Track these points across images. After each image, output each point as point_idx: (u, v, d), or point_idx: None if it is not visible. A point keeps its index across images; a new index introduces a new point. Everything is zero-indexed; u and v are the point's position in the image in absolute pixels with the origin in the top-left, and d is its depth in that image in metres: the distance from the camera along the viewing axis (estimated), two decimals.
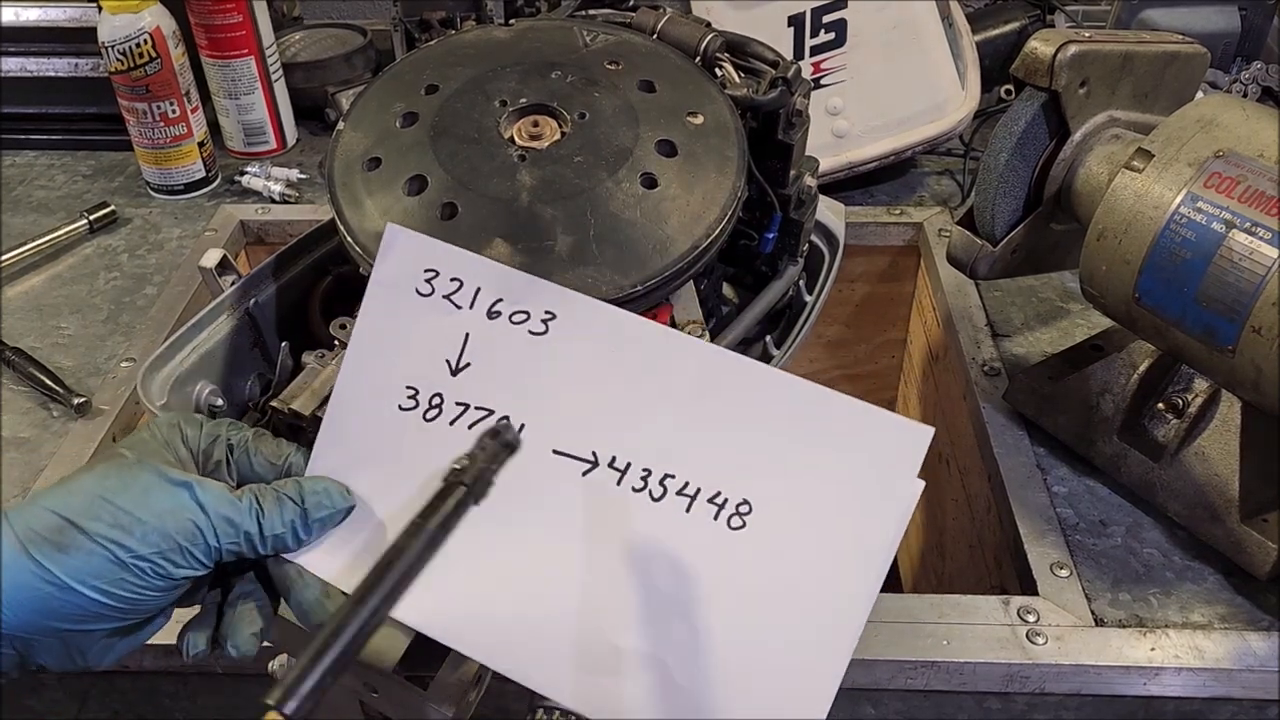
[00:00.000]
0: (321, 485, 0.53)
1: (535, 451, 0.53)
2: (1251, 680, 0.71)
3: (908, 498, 0.49)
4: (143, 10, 1.11)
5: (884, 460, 0.50)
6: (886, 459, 0.50)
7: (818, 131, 0.83)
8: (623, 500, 0.52)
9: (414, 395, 0.55)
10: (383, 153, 0.65)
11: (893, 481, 0.50)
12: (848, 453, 0.51)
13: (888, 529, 0.49)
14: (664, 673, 0.50)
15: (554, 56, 0.69)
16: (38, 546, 0.47)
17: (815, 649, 0.49)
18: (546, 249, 0.60)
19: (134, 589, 0.48)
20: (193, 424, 0.54)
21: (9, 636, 0.48)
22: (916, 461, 0.50)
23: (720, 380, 0.53)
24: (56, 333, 1.01)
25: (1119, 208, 0.72)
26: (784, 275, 0.78)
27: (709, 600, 0.50)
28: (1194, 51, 0.82)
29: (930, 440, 0.49)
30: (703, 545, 0.51)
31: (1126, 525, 0.80)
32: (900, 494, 0.49)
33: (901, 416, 0.50)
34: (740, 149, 0.66)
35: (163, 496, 0.49)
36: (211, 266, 0.71)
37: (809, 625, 0.49)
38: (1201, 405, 0.78)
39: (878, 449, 0.50)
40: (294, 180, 1.22)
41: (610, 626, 0.51)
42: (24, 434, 0.89)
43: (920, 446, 0.50)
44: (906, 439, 0.50)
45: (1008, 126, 0.78)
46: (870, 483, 0.50)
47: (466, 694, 0.57)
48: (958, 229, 0.83)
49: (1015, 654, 0.71)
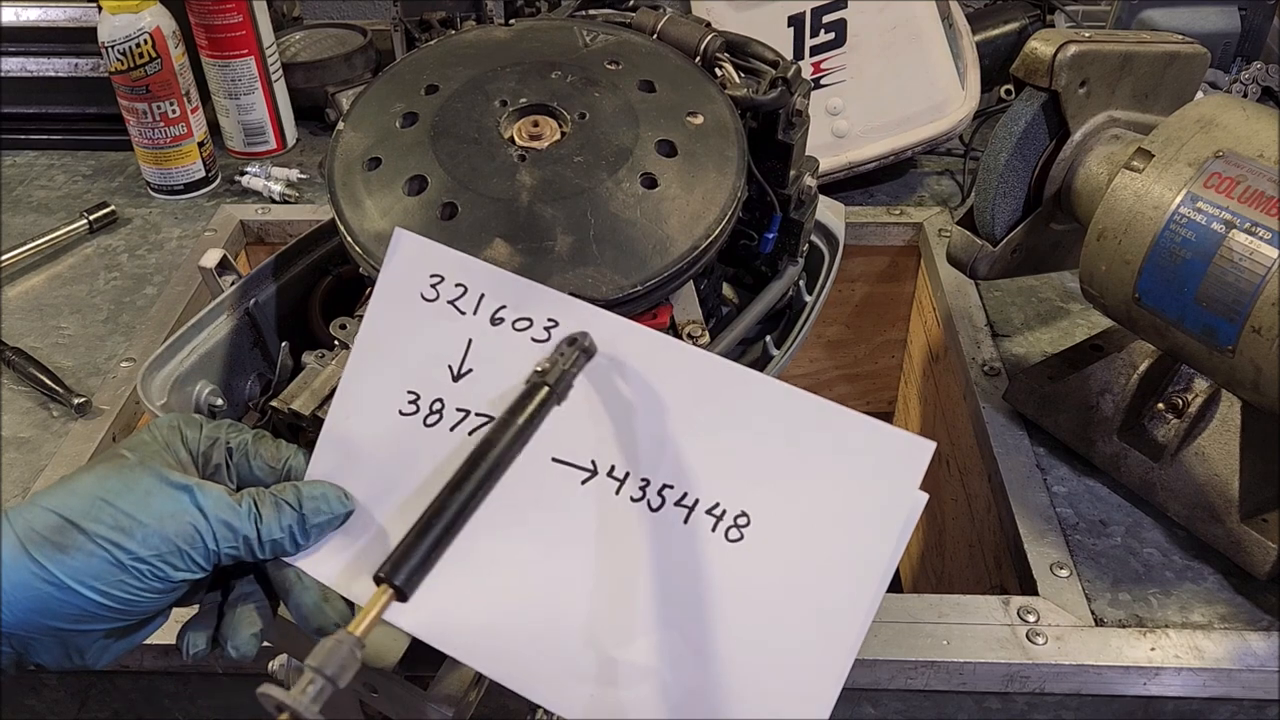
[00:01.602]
0: (320, 490, 0.53)
1: (535, 460, 0.53)
2: (1251, 680, 0.71)
3: (909, 511, 0.49)
4: (143, 10, 1.11)
5: (885, 473, 0.50)
6: (887, 472, 0.50)
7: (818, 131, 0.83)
8: (622, 510, 0.52)
9: (415, 400, 0.55)
10: (383, 153, 0.65)
11: (893, 495, 0.49)
12: (848, 466, 0.50)
13: (888, 542, 0.49)
14: (662, 683, 0.50)
15: (554, 56, 0.69)
16: (38, 546, 0.47)
17: (814, 659, 0.49)
18: (546, 249, 0.60)
19: (132, 590, 0.49)
20: (192, 426, 0.54)
21: (8, 636, 0.48)
22: (918, 475, 0.49)
23: (721, 390, 0.53)
24: (56, 333, 1.01)
25: (1119, 208, 0.72)
26: (784, 275, 0.78)
27: (708, 611, 0.50)
28: (1194, 51, 0.82)
29: (931, 454, 0.49)
30: (701, 556, 0.50)
31: (1126, 525, 0.80)
32: (901, 507, 0.49)
33: (903, 430, 0.50)
34: (740, 149, 0.66)
35: (163, 499, 0.49)
36: (211, 266, 0.71)
37: (807, 637, 0.49)
38: (1201, 405, 0.78)
39: (879, 462, 0.50)
40: (294, 180, 1.22)
41: (609, 636, 0.51)
42: (24, 434, 0.89)
43: (922, 460, 0.49)
44: (908, 452, 0.49)
45: (1008, 126, 0.78)
46: (870, 496, 0.50)
47: (466, 694, 0.57)
48: (958, 229, 0.83)
49: (1015, 654, 0.71)
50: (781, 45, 0.99)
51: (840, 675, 0.48)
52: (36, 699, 0.82)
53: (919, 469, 0.49)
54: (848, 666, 0.48)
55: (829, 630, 0.49)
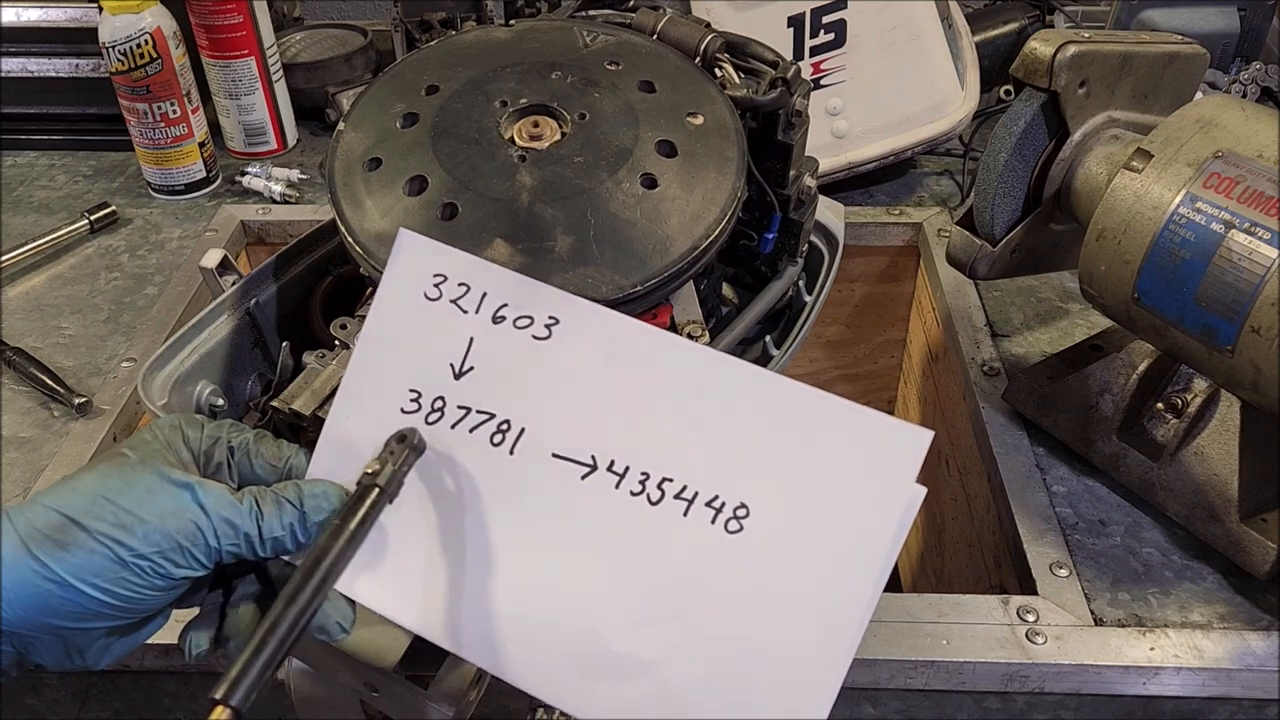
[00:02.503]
0: (320, 488, 0.53)
1: (535, 455, 0.53)
2: (1251, 680, 0.71)
3: (907, 502, 0.49)
4: (143, 11, 1.12)
5: (882, 463, 0.50)
6: (884, 462, 0.50)
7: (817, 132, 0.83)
8: (621, 504, 0.52)
9: (416, 399, 0.55)
10: (383, 153, 0.65)
11: (891, 485, 0.49)
12: (845, 456, 0.50)
13: (887, 533, 0.49)
14: (663, 677, 0.50)
15: (554, 57, 0.69)
16: (39, 544, 0.47)
17: (815, 652, 0.49)
18: (547, 249, 0.60)
19: (134, 588, 0.49)
20: (194, 425, 0.55)
21: (9, 634, 0.48)
22: (915, 464, 0.49)
23: (719, 384, 0.53)
24: (57, 333, 1.01)
25: (1118, 208, 0.72)
26: (784, 275, 0.78)
27: (708, 604, 0.50)
28: (1193, 52, 0.82)
29: (929, 443, 0.49)
30: (701, 549, 0.51)
31: (1126, 525, 0.81)
32: (899, 498, 0.49)
33: (899, 420, 0.50)
34: (740, 149, 0.66)
35: (164, 497, 0.50)
36: (212, 267, 0.71)
37: (808, 629, 0.49)
38: (1200, 405, 0.78)
39: (875, 452, 0.50)
40: (294, 180, 1.23)
41: (610, 631, 0.51)
42: (25, 434, 0.89)
43: (919, 449, 0.49)
44: (904, 442, 0.50)
45: (1007, 127, 0.78)
46: (868, 486, 0.50)
47: (466, 694, 0.57)
48: (957, 229, 0.83)
49: (1014, 653, 0.71)
50: (781, 45, 0.99)
51: (843, 665, 0.49)
52: (37, 698, 0.82)
53: (917, 458, 0.49)
54: (850, 656, 0.49)
55: (830, 620, 0.49)
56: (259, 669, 0.44)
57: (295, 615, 0.46)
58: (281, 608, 0.46)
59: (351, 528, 0.50)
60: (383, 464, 0.52)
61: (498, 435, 0.54)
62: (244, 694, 0.43)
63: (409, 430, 0.54)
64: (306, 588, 0.47)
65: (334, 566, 0.48)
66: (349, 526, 0.50)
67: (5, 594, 0.47)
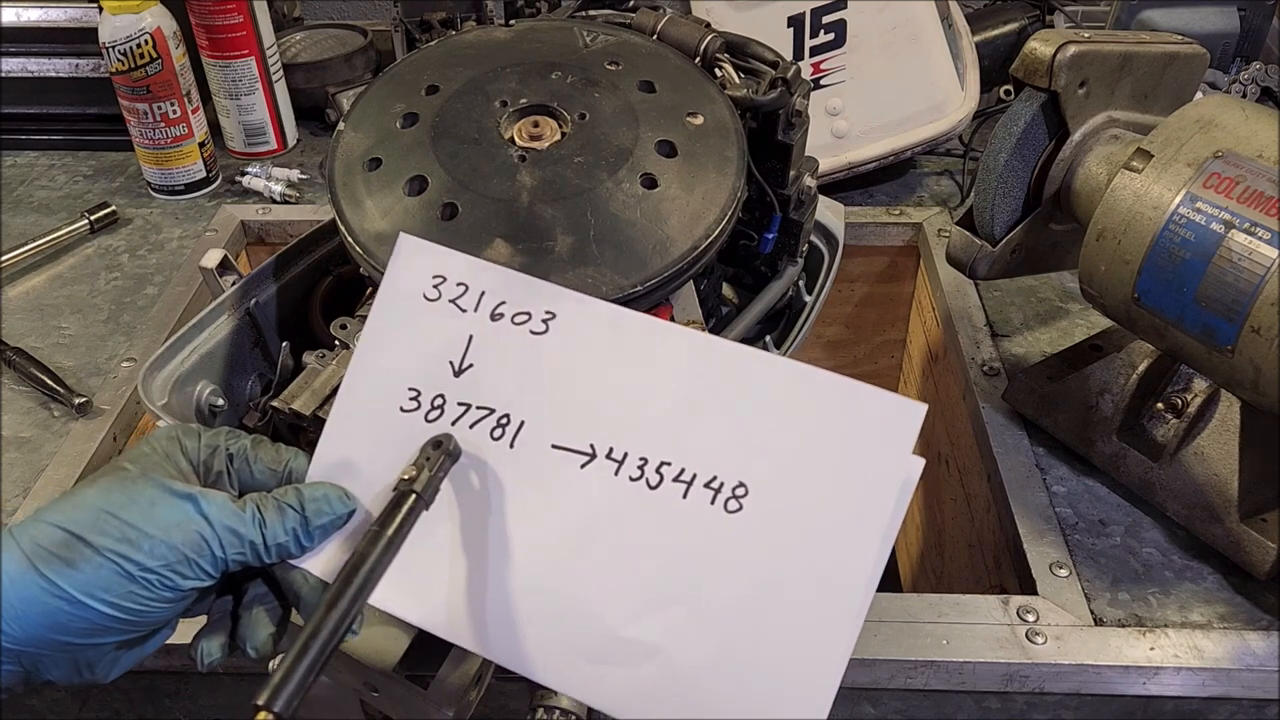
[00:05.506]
0: (321, 492, 0.53)
1: (535, 447, 0.54)
2: (1250, 680, 0.71)
3: (905, 475, 0.49)
4: (143, 11, 1.11)
5: (876, 437, 0.50)
6: (879, 436, 0.50)
7: (817, 132, 0.83)
8: (622, 490, 0.52)
9: (416, 397, 0.56)
10: (383, 153, 0.65)
11: (887, 458, 0.50)
12: (839, 431, 0.51)
13: (885, 507, 0.49)
14: (670, 660, 0.51)
15: (554, 57, 0.69)
16: (46, 562, 0.47)
17: (816, 636, 0.49)
18: (547, 249, 0.60)
19: (143, 601, 0.49)
20: (191, 435, 0.55)
21: (18, 653, 0.48)
22: (910, 437, 0.50)
23: (711, 365, 0.53)
24: (57, 333, 1.01)
25: (1118, 208, 0.72)
26: (784, 275, 0.78)
27: (711, 584, 0.51)
28: (1193, 52, 0.82)
29: (923, 416, 0.49)
30: (701, 530, 0.51)
31: (1126, 525, 0.81)
32: (896, 471, 0.49)
33: (894, 394, 0.50)
34: (740, 149, 0.66)
35: (168, 510, 0.50)
36: (212, 267, 0.71)
37: (811, 605, 0.49)
38: (1200, 405, 0.78)
39: (869, 426, 0.50)
40: (294, 180, 1.22)
41: (614, 616, 0.51)
42: (25, 434, 0.89)
43: (913, 423, 0.50)
44: (898, 415, 0.50)
45: (1007, 127, 0.78)
46: (863, 460, 0.50)
47: (467, 693, 0.57)
48: (957, 229, 0.83)
49: (1014, 653, 0.71)
50: (781, 45, 0.99)
51: (847, 644, 0.49)
52: (37, 699, 0.82)
53: (912, 431, 0.50)
54: (855, 631, 0.49)
55: (832, 597, 0.49)
56: (301, 675, 0.44)
57: (336, 621, 0.47)
58: (322, 613, 0.47)
59: (389, 534, 0.50)
60: (419, 470, 0.52)
61: (498, 430, 0.54)
62: (287, 700, 0.43)
63: (444, 436, 0.54)
64: (346, 594, 0.47)
65: (373, 572, 0.49)
66: (387, 533, 0.50)
67: (14, 613, 0.47)
